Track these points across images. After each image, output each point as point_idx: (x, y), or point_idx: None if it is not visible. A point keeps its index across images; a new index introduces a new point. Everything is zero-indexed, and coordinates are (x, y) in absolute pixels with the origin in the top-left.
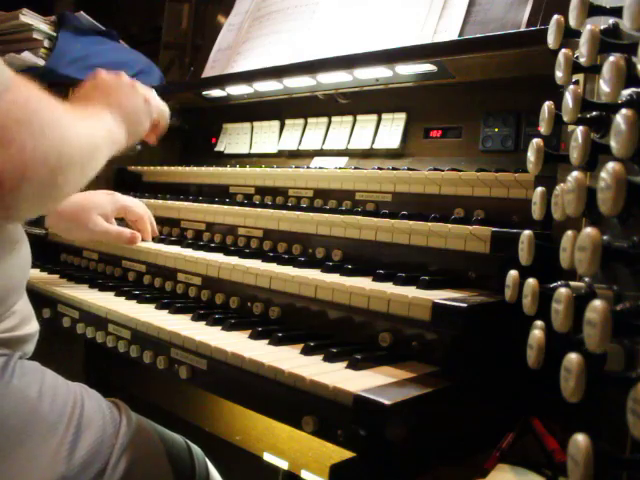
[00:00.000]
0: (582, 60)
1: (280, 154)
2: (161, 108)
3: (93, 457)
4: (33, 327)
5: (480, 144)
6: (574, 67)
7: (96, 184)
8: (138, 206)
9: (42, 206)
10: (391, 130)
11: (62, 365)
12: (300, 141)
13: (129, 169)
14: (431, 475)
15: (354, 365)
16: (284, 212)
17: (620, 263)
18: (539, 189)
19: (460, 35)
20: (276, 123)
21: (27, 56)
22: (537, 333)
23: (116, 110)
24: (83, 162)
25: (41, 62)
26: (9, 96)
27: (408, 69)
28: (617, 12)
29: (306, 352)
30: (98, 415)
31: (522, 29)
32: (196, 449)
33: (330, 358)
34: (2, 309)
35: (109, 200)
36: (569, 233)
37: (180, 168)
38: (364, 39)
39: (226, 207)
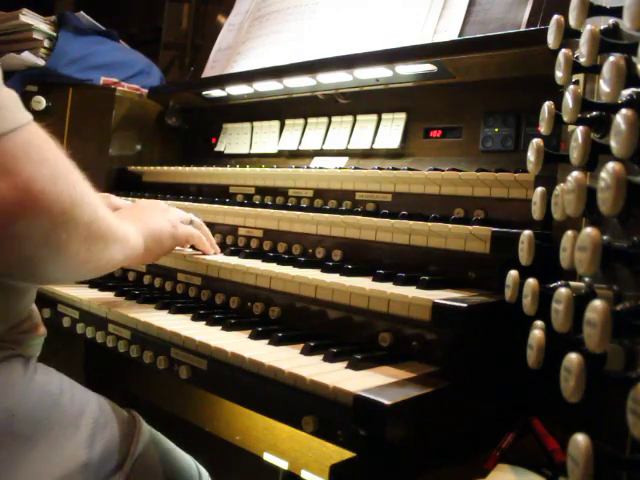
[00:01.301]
0: (582, 60)
1: (280, 154)
2: (190, 233)
3: (110, 454)
4: (42, 330)
5: (480, 144)
6: (574, 67)
7: (97, 183)
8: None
9: (36, 260)
10: (391, 130)
11: (62, 365)
12: (300, 141)
13: (129, 169)
14: (431, 475)
15: (354, 365)
16: (284, 212)
17: (620, 263)
18: (539, 189)
19: (460, 35)
20: (276, 123)
21: (27, 56)
22: (537, 333)
23: (138, 224)
24: (89, 235)
25: (41, 62)
26: (25, 135)
27: (408, 69)
28: (617, 12)
29: (306, 352)
30: (114, 418)
31: (522, 29)
32: (204, 473)
33: (330, 358)
34: (26, 302)
35: (106, 203)
36: (569, 233)
37: (180, 168)
38: (364, 39)
39: (226, 207)
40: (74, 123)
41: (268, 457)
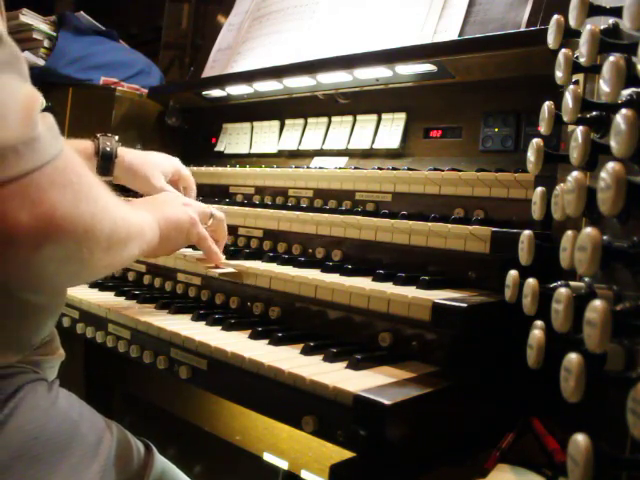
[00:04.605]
0: (582, 60)
1: (280, 154)
2: (204, 237)
3: None
4: (61, 353)
5: (480, 144)
6: (574, 67)
7: None
8: (189, 175)
9: (63, 277)
10: (391, 130)
11: (62, 365)
12: (300, 141)
13: None
14: (431, 475)
15: (354, 365)
16: (284, 212)
17: (620, 263)
18: (539, 189)
19: (460, 35)
20: (276, 123)
21: (27, 56)
22: (537, 333)
23: (156, 213)
24: (110, 245)
25: (41, 62)
26: (54, 164)
27: (408, 69)
28: (617, 12)
29: (306, 352)
30: (129, 448)
31: (522, 29)
32: None
33: (330, 358)
34: (47, 329)
35: (170, 163)
36: (569, 233)
37: None
38: (364, 39)
39: (226, 207)
40: (74, 123)
41: (268, 457)
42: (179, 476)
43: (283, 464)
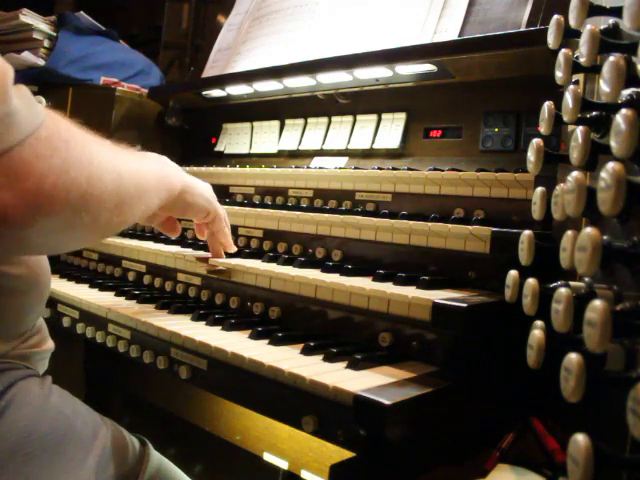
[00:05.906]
0: (582, 60)
1: (280, 154)
2: (223, 214)
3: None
4: (50, 344)
5: (480, 144)
6: (574, 67)
7: None
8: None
9: (69, 242)
10: (391, 130)
11: (62, 365)
12: (300, 141)
13: None
14: (431, 475)
15: (354, 365)
16: (284, 212)
17: (620, 263)
18: (539, 189)
19: (460, 35)
20: (276, 123)
21: (27, 56)
22: (537, 333)
23: (178, 171)
24: (119, 201)
25: (41, 62)
26: (35, 135)
27: (408, 69)
28: (617, 12)
29: (306, 352)
30: (125, 444)
31: (522, 29)
32: None
33: (330, 358)
34: (33, 316)
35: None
36: (569, 233)
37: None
38: (364, 39)
39: (226, 207)
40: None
41: (268, 457)
42: (175, 471)
43: (283, 464)
